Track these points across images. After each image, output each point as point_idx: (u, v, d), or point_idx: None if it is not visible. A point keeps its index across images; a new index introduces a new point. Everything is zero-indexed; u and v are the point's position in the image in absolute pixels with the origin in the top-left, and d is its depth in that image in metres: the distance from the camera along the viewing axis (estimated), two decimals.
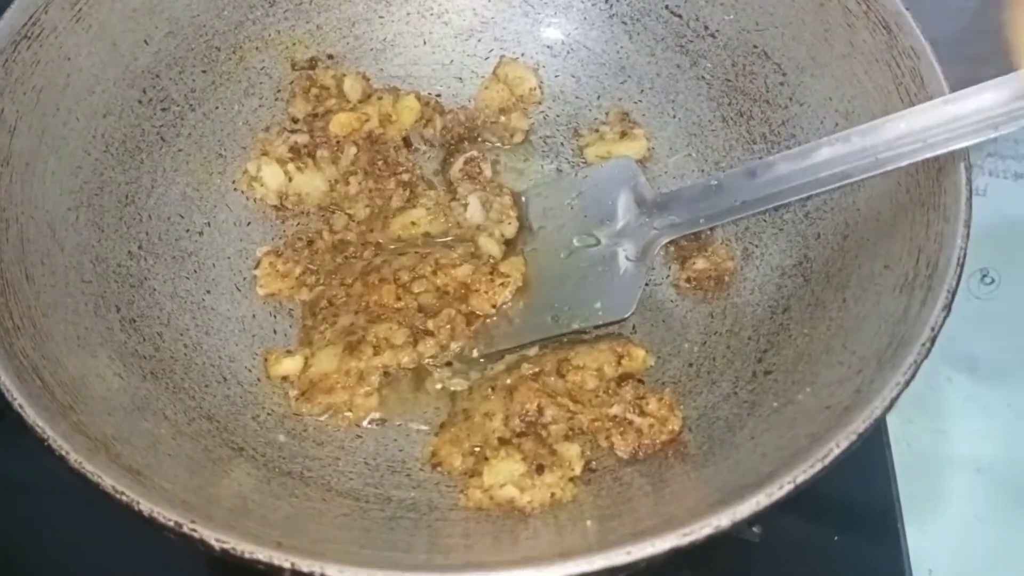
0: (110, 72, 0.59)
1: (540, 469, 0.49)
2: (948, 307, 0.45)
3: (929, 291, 0.46)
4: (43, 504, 0.60)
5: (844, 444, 0.41)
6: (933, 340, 0.44)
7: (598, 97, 0.69)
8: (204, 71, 0.64)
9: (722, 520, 0.39)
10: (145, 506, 0.39)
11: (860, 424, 0.41)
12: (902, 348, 0.44)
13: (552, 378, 0.54)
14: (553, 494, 0.49)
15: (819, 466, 0.40)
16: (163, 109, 0.62)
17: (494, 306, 0.59)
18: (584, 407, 0.53)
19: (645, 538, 0.39)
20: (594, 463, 0.52)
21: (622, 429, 0.52)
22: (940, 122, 0.49)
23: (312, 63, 0.68)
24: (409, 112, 0.67)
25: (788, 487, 0.40)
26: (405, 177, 0.65)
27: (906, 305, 0.47)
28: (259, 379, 0.57)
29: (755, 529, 0.56)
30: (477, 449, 0.52)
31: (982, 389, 0.72)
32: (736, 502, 0.39)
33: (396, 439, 0.55)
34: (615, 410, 0.52)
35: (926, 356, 0.44)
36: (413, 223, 0.63)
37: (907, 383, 0.43)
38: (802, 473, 0.40)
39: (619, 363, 0.55)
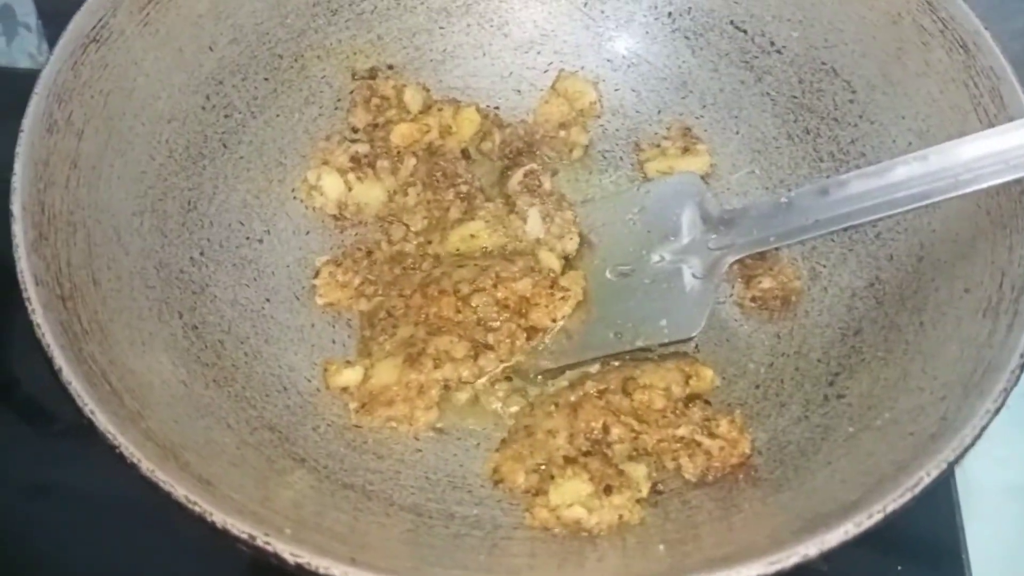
0: (175, 78, 0.59)
1: (608, 490, 0.48)
2: None
3: (1016, 315, 0.45)
4: (84, 510, 0.60)
5: (935, 473, 0.40)
6: (1023, 367, 0.43)
7: (659, 112, 0.68)
8: (266, 79, 0.64)
9: (810, 549, 0.38)
10: (219, 517, 0.38)
11: (950, 453, 0.40)
12: (990, 374, 0.43)
13: (618, 396, 0.53)
14: (621, 516, 0.48)
15: (909, 495, 0.39)
16: (226, 116, 0.62)
17: (554, 320, 0.58)
18: (650, 427, 0.52)
19: (727, 566, 0.37)
20: (660, 485, 0.51)
21: (690, 451, 0.51)
22: (1023, 143, 0.48)
23: (372, 73, 0.67)
24: (469, 124, 0.66)
25: (878, 516, 0.38)
26: (464, 189, 0.64)
27: (991, 330, 0.46)
28: (318, 389, 0.56)
29: (824, 567, 0.54)
30: (542, 467, 0.51)
31: None
32: (823, 531, 0.38)
33: (456, 454, 0.54)
34: (683, 431, 0.51)
35: (1016, 383, 0.43)
36: (472, 235, 0.62)
37: (997, 411, 0.42)
38: (892, 502, 0.39)
39: (686, 383, 0.54)
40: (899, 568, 0.60)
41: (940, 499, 0.63)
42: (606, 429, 0.52)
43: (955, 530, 0.62)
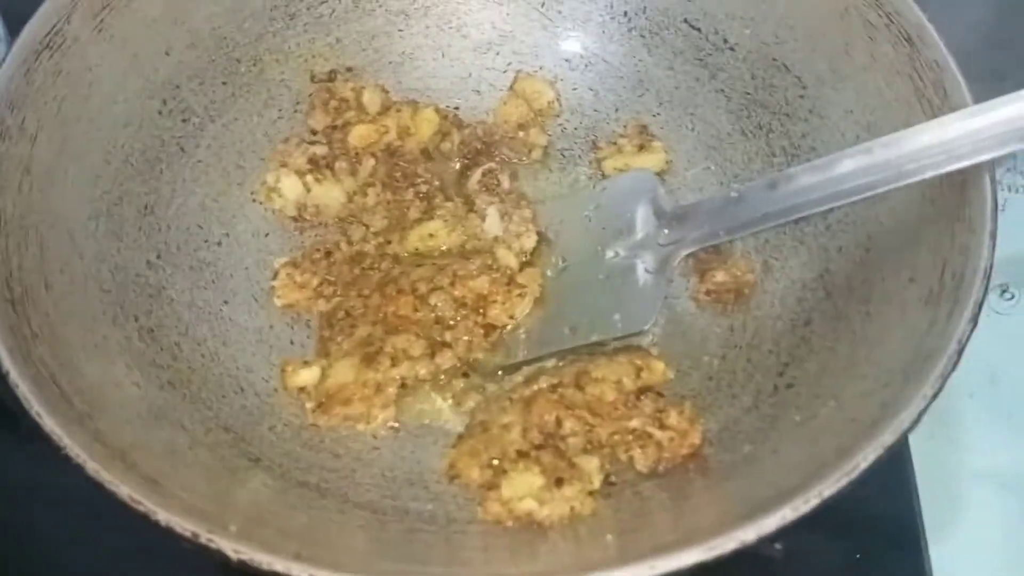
0: (131, 83, 0.59)
1: (559, 482, 0.49)
2: (975, 319, 0.45)
3: (956, 303, 0.46)
4: (59, 511, 0.60)
5: (871, 457, 0.40)
6: (960, 353, 0.44)
7: (616, 110, 0.69)
8: (224, 83, 0.64)
9: (748, 534, 0.38)
10: (163, 516, 0.39)
11: (888, 437, 0.41)
12: (929, 361, 0.44)
13: (571, 390, 0.54)
14: (572, 508, 0.48)
15: (845, 480, 0.40)
16: (183, 120, 0.62)
17: (511, 317, 0.59)
18: (603, 420, 0.52)
19: (669, 552, 0.38)
20: (613, 477, 0.51)
21: (642, 442, 0.51)
22: (965, 134, 0.48)
23: (331, 75, 0.68)
24: (428, 124, 0.67)
25: (815, 501, 0.39)
26: (423, 189, 0.65)
27: (932, 318, 0.46)
28: (276, 390, 0.56)
29: (777, 546, 0.55)
30: (495, 462, 0.51)
31: (1003, 403, 0.72)
32: (761, 516, 0.39)
33: (413, 451, 0.55)
34: (635, 423, 0.52)
35: (953, 369, 0.43)
36: (431, 235, 0.62)
37: (934, 396, 0.42)
38: (829, 487, 0.39)
39: (638, 376, 0.54)
40: (857, 556, 0.61)
41: (898, 485, 0.64)
42: (559, 422, 0.52)
43: (913, 516, 0.63)
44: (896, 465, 0.64)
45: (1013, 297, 0.77)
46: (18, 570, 0.61)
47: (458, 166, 0.67)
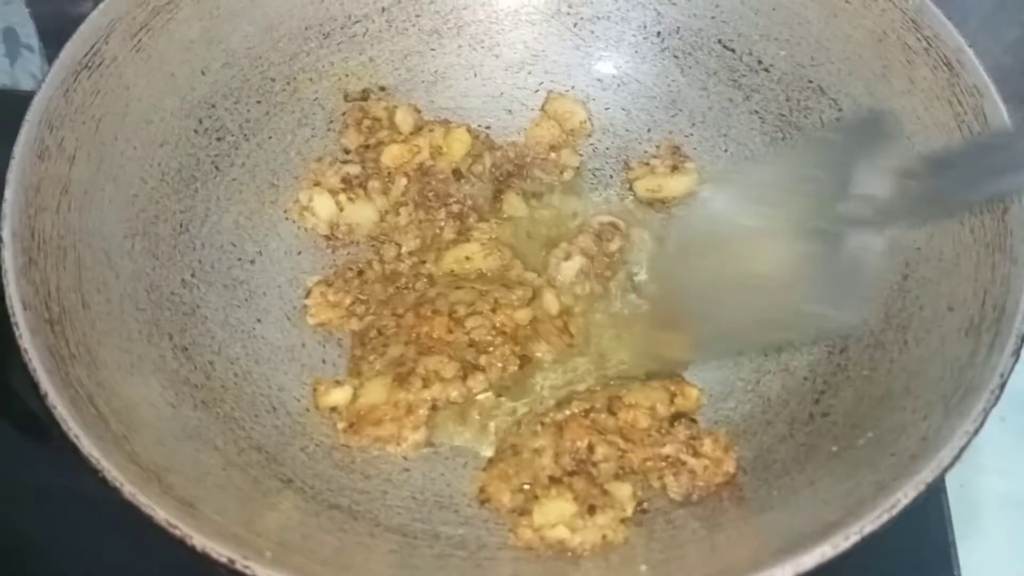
0: (167, 102, 0.60)
1: (592, 510, 0.48)
2: (1017, 353, 0.44)
3: (997, 335, 0.45)
4: (91, 519, 0.60)
5: (912, 494, 0.40)
6: (1002, 387, 0.43)
7: (648, 130, 0.69)
8: (259, 101, 0.65)
9: (786, 571, 0.38)
10: (199, 541, 0.39)
11: (928, 474, 0.40)
12: (970, 395, 0.43)
13: (603, 415, 0.53)
14: (604, 536, 0.48)
15: (886, 516, 0.39)
16: (218, 139, 0.62)
17: (553, 360, 0.59)
18: (636, 446, 0.52)
19: None
20: (646, 504, 0.51)
21: (675, 470, 0.51)
22: None
23: (364, 94, 0.68)
24: (460, 144, 0.67)
25: (855, 538, 0.38)
26: (455, 208, 0.65)
27: (972, 349, 0.46)
28: (308, 409, 0.56)
29: None
30: (527, 487, 0.51)
31: None
32: (800, 552, 0.38)
33: (443, 473, 0.54)
34: (668, 450, 0.51)
35: (995, 403, 0.43)
36: (467, 258, 0.62)
37: (976, 431, 0.42)
38: (869, 524, 0.39)
39: (672, 402, 0.54)
40: None
41: (932, 513, 0.63)
42: (591, 448, 0.52)
43: (947, 545, 0.62)
44: (931, 493, 0.63)
45: None
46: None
47: (491, 188, 0.67)
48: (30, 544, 0.62)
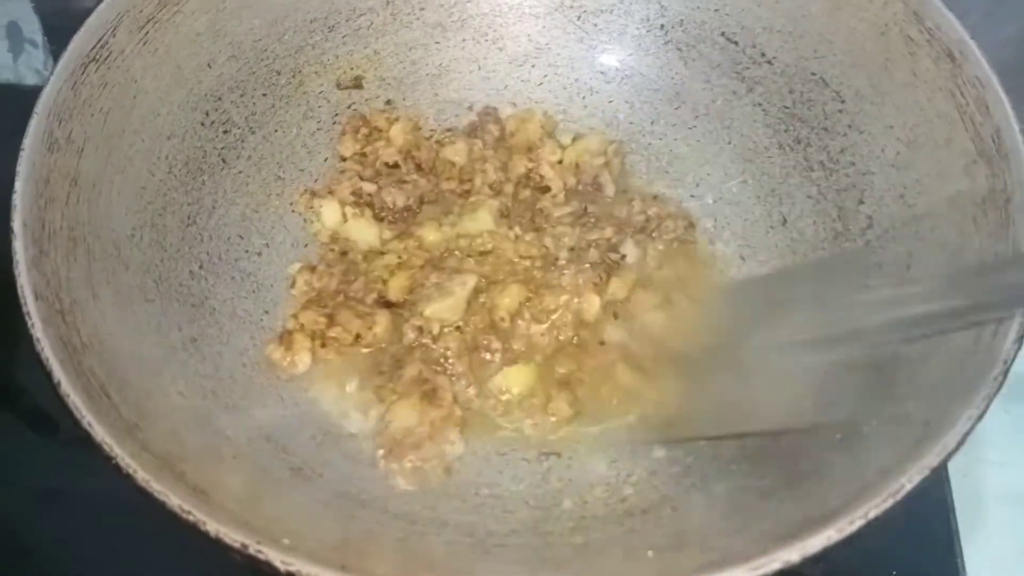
0: (174, 95, 0.60)
1: None
2: (1020, 339, 0.44)
3: (999, 323, 0.45)
4: (94, 517, 0.61)
5: (916, 479, 0.40)
6: (1006, 373, 0.43)
7: (652, 123, 0.69)
8: (264, 94, 0.65)
9: (792, 555, 0.38)
10: (212, 527, 0.39)
11: (932, 459, 0.41)
12: (973, 381, 0.43)
13: None
14: None
15: (891, 501, 0.40)
16: (225, 131, 0.63)
17: None
18: None
19: (711, 571, 0.38)
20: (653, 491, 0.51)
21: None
22: None
23: (357, 82, 0.68)
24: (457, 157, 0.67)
25: (860, 522, 0.39)
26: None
27: (976, 337, 0.46)
28: (316, 399, 0.57)
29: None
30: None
31: None
32: (806, 536, 0.39)
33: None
34: None
35: (998, 389, 0.43)
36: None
37: (979, 417, 0.42)
38: (874, 508, 0.39)
39: None
40: (894, 573, 0.60)
41: (935, 504, 0.63)
42: None
43: (950, 535, 0.62)
44: (932, 482, 0.63)
45: None
46: (47, 571, 0.61)
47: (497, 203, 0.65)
48: (35, 543, 0.62)
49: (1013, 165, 0.51)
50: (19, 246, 0.47)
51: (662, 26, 0.69)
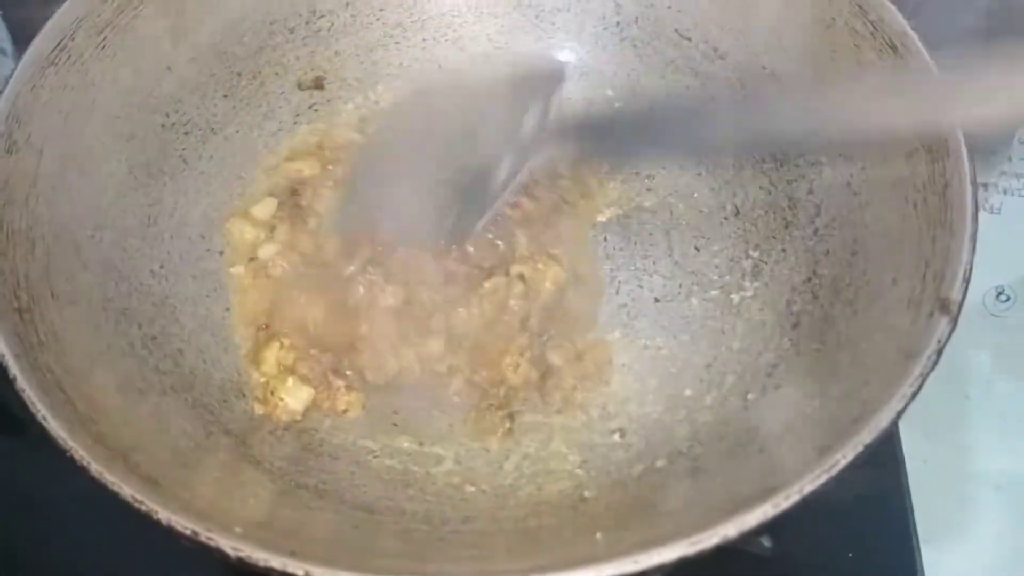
0: (134, 97, 0.61)
1: None
2: (954, 321, 0.46)
3: (935, 303, 0.47)
4: (65, 516, 0.61)
5: (851, 455, 0.41)
6: (939, 352, 0.45)
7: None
8: (225, 96, 0.66)
9: (729, 529, 0.39)
10: (163, 515, 0.40)
11: (867, 436, 0.42)
12: (909, 361, 0.45)
13: None
14: None
15: (825, 477, 0.41)
16: (185, 133, 0.64)
17: None
18: None
19: (652, 547, 0.39)
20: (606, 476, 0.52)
21: None
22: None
23: (318, 82, 0.69)
24: None
25: (795, 497, 0.40)
26: None
27: (913, 318, 0.47)
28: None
29: (766, 543, 0.56)
30: None
31: (999, 406, 0.73)
32: (743, 512, 0.40)
33: (411, 455, 0.56)
34: None
35: (932, 368, 0.44)
36: None
37: (914, 395, 0.43)
38: (808, 484, 0.40)
39: None
40: (849, 554, 0.62)
41: (891, 485, 0.64)
42: None
43: (905, 514, 0.63)
44: (888, 465, 0.64)
45: (1009, 299, 0.78)
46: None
47: None
48: (10, 545, 0.62)
49: (952, 153, 0.52)
50: None
51: (618, 23, 0.70)
